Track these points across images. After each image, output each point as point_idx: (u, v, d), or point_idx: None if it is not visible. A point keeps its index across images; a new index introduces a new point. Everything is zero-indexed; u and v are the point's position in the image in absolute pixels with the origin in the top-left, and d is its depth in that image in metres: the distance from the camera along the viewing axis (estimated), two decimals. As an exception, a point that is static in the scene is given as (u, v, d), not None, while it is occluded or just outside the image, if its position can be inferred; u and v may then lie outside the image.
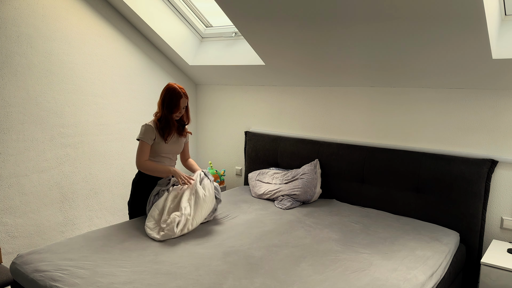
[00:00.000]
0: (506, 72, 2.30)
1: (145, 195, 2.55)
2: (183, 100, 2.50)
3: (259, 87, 3.66)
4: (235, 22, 2.78)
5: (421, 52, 2.40)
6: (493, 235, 2.55)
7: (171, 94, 2.47)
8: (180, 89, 2.49)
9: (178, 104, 2.48)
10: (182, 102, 2.50)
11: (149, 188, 2.56)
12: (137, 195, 2.57)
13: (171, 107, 2.48)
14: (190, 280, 1.74)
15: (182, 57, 3.63)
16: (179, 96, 2.47)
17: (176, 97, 2.47)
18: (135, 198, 2.59)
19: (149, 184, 2.56)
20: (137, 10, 3.17)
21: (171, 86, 2.50)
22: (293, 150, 3.30)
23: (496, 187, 2.52)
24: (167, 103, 2.48)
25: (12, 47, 2.66)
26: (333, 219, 2.60)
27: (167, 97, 2.48)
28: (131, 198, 2.61)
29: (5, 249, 2.73)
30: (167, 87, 2.51)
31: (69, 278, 1.71)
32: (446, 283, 2.07)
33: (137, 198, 2.58)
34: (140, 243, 2.12)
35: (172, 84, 2.51)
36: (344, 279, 1.79)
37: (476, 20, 2.00)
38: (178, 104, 2.48)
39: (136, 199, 2.58)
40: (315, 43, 2.68)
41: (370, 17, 2.25)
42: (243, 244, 2.16)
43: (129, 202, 2.62)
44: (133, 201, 2.60)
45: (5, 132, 2.67)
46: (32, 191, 2.85)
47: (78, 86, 3.07)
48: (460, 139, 2.64)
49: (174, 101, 2.47)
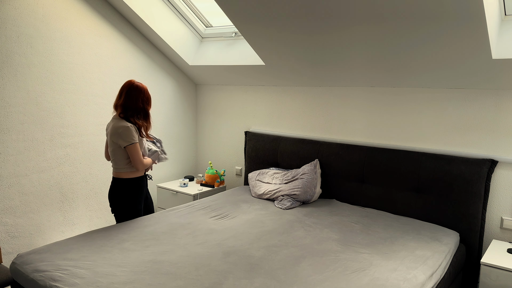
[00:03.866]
0: (506, 72, 2.30)
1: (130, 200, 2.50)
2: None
3: (259, 87, 3.66)
4: (235, 22, 2.78)
5: (421, 52, 2.40)
6: (493, 235, 2.55)
7: (145, 91, 2.54)
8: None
9: (150, 98, 2.60)
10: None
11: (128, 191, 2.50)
12: (123, 202, 2.50)
13: (149, 102, 2.57)
14: (190, 280, 1.74)
15: (182, 57, 3.63)
16: (147, 91, 2.57)
17: (148, 92, 2.56)
18: (121, 206, 2.51)
19: (141, 185, 2.55)
20: (137, 10, 3.17)
21: (137, 83, 2.51)
22: (293, 150, 3.30)
23: (496, 187, 2.52)
24: (146, 99, 2.54)
25: (12, 47, 2.66)
26: (333, 219, 2.60)
27: (142, 94, 2.51)
28: (117, 207, 2.51)
29: (5, 249, 2.73)
30: (136, 85, 2.50)
31: (69, 278, 1.71)
32: (446, 283, 2.07)
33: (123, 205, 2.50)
34: (140, 243, 2.12)
35: (134, 81, 2.52)
36: (344, 279, 1.79)
37: (476, 20, 2.00)
38: (150, 98, 2.59)
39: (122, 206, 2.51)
40: (315, 43, 2.68)
41: (370, 17, 2.25)
42: (243, 244, 2.16)
43: (116, 211, 2.52)
44: (118, 209, 2.51)
45: (5, 132, 2.67)
46: (32, 191, 2.85)
47: (78, 86, 3.07)
48: (460, 139, 2.64)
49: (149, 97, 2.57)
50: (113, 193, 2.51)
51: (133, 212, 2.54)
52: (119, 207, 2.52)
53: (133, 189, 2.51)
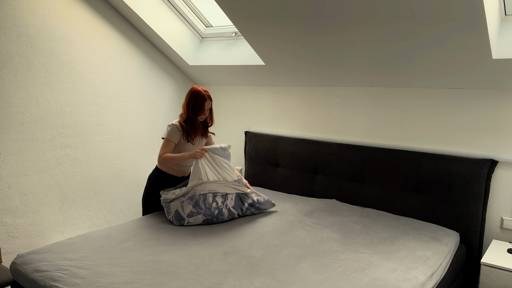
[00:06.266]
0: (506, 72, 2.30)
1: (146, 189, 2.63)
2: (207, 102, 2.58)
3: (259, 87, 3.66)
4: (235, 22, 2.78)
5: (421, 52, 2.40)
6: (493, 235, 2.55)
7: (196, 97, 2.55)
8: (204, 92, 2.57)
9: (203, 107, 2.57)
10: (206, 104, 2.58)
11: (164, 184, 2.62)
12: (153, 190, 2.63)
13: (196, 109, 2.56)
14: (190, 280, 1.74)
15: (182, 57, 3.63)
16: (203, 99, 2.55)
17: (201, 100, 2.55)
18: (150, 193, 2.64)
19: (165, 180, 2.63)
20: (137, 10, 3.17)
21: (196, 89, 2.58)
22: (293, 150, 3.30)
23: (496, 187, 2.51)
24: (193, 105, 2.56)
25: (12, 47, 2.66)
26: (333, 219, 2.60)
27: (192, 100, 2.55)
28: (145, 193, 2.66)
29: (5, 249, 2.73)
30: (192, 90, 2.58)
31: (69, 278, 1.71)
32: (446, 283, 2.07)
33: (152, 194, 2.63)
34: (140, 243, 2.12)
35: (197, 87, 2.59)
36: (344, 279, 1.79)
37: (476, 20, 2.00)
38: (202, 106, 2.56)
39: (151, 194, 2.64)
40: (316, 43, 2.68)
41: (370, 17, 2.25)
42: (243, 244, 2.16)
43: (143, 197, 2.68)
44: (147, 196, 2.65)
45: (5, 132, 2.67)
46: (32, 191, 2.85)
47: (78, 86, 3.07)
48: (460, 139, 2.64)
49: (199, 104, 2.55)
50: (151, 179, 2.68)
51: (145, 203, 2.68)
52: (151, 194, 2.67)
53: (154, 180, 2.63)
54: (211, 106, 2.66)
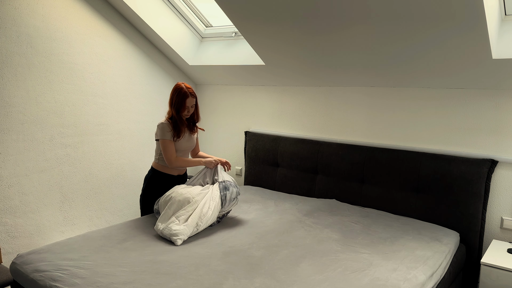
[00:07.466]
0: (506, 72, 2.30)
1: (157, 191, 2.60)
2: (189, 99, 2.54)
3: (259, 87, 3.66)
4: (235, 22, 2.78)
5: (421, 52, 2.40)
6: (493, 235, 2.55)
7: (178, 94, 2.52)
8: (187, 89, 2.53)
9: (185, 104, 2.53)
10: (188, 101, 2.53)
11: (161, 184, 2.61)
12: (150, 191, 2.62)
13: (179, 107, 2.53)
14: (190, 280, 1.73)
15: (182, 57, 3.63)
16: (185, 96, 2.52)
17: (183, 97, 2.52)
18: (147, 194, 2.64)
19: (161, 180, 2.62)
20: (137, 10, 3.17)
21: (178, 86, 2.55)
22: (293, 150, 3.30)
23: (496, 187, 2.51)
24: (175, 103, 2.53)
25: (12, 47, 2.66)
26: (333, 219, 2.60)
27: (174, 97, 2.53)
28: (143, 194, 2.66)
29: (5, 249, 2.73)
30: (175, 87, 2.56)
31: (69, 278, 1.71)
32: (446, 283, 2.07)
33: (149, 194, 2.63)
34: (140, 243, 2.12)
35: (180, 84, 2.55)
36: (344, 279, 1.79)
37: (476, 20, 2.00)
38: (184, 104, 2.53)
39: (148, 195, 2.63)
40: (316, 43, 2.68)
41: (370, 17, 2.24)
42: (243, 244, 2.16)
43: (141, 197, 2.68)
44: (145, 196, 2.65)
45: (5, 132, 2.67)
46: (32, 191, 2.85)
47: (78, 86, 3.07)
48: (460, 139, 2.64)
49: (180, 101, 2.52)
50: (147, 179, 2.66)
51: (143, 204, 2.66)
52: (148, 194, 2.65)
53: (150, 180, 2.62)
54: (196, 102, 2.60)
